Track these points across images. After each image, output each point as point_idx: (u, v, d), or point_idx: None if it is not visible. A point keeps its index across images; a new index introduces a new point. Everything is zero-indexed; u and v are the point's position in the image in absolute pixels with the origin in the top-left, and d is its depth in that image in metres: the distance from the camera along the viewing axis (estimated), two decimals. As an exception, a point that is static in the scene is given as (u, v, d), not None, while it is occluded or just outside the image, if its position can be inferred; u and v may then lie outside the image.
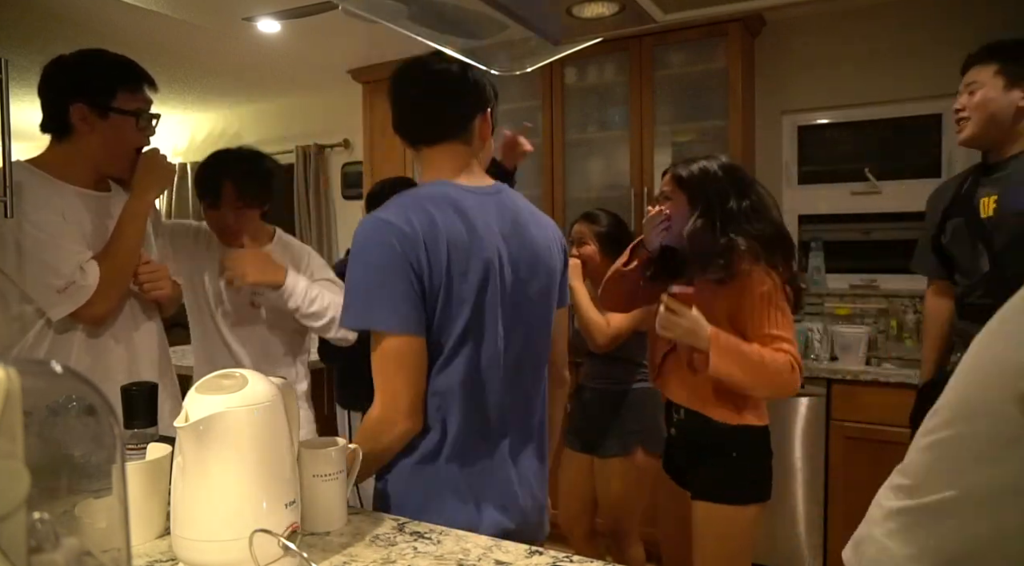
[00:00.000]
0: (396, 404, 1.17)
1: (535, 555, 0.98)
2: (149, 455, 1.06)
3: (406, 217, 1.16)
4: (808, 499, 2.82)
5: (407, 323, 1.14)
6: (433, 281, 1.15)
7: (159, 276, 1.64)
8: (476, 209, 1.23)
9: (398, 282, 1.13)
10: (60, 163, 1.56)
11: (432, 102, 1.28)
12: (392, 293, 1.14)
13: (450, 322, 1.18)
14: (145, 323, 1.70)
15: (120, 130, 1.56)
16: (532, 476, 1.32)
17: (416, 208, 1.18)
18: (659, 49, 3.30)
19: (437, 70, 1.28)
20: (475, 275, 1.19)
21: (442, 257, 1.15)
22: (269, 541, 0.87)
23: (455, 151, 1.29)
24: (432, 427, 1.21)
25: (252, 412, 0.90)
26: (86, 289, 1.48)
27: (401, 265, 1.13)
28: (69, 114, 1.53)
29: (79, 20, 3.18)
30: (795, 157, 3.44)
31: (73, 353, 1.54)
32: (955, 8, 3.04)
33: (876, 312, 3.23)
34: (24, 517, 0.52)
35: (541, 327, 1.34)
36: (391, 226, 1.15)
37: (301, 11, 2.96)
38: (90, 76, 1.55)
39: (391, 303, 1.14)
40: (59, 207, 1.51)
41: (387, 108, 1.36)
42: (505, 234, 1.25)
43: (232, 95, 4.75)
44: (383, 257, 1.14)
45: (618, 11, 1.21)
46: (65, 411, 0.57)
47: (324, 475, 1.08)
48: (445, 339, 1.19)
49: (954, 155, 3.10)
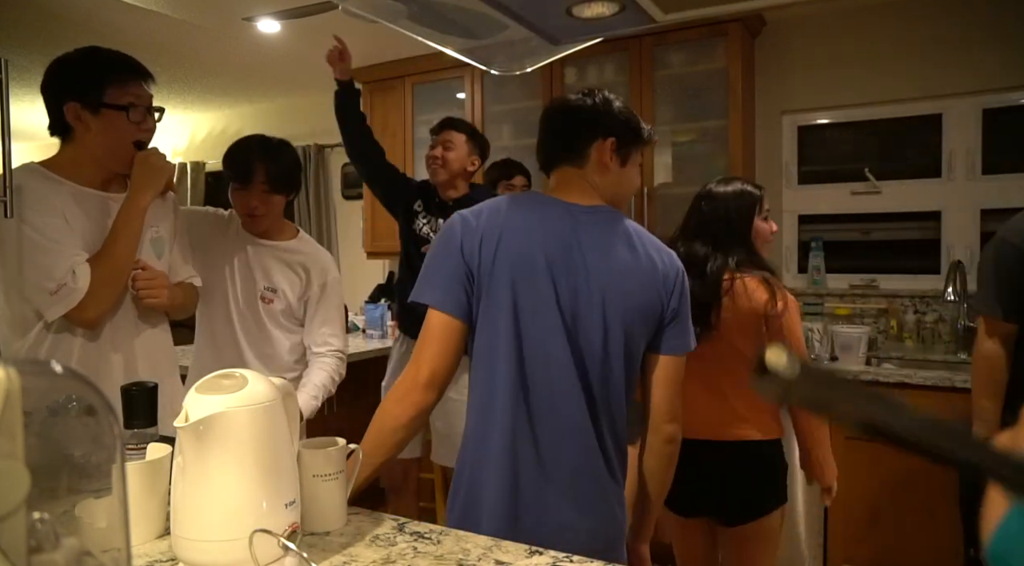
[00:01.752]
0: (418, 373, 1.24)
1: (535, 555, 0.98)
2: (149, 455, 1.06)
3: (478, 211, 1.29)
4: (808, 499, 2.81)
5: (446, 302, 1.25)
6: (481, 270, 1.24)
7: (156, 284, 1.62)
8: (555, 218, 1.28)
9: (447, 264, 1.26)
10: (69, 164, 1.57)
11: (542, 137, 1.39)
12: (440, 274, 1.27)
13: (490, 312, 1.25)
14: (147, 330, 1.68)
15: (113, 125, 1.55)
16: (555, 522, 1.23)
17: (491, 206, 1.31)
18: (659, 49, 3.30)
19: (550, 107, 1.40)
20: (521, 273, 1.24)
21: (491, 247, 1.24)
22: (269, 541, 0.87)
23: (564, 173, 1.35)
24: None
25: (252, 412, 0.90)
26: (77, 292, 1.47)
27: (454, 251, 1.26)
28: (64, 114, 1.53)
29: (79, 20, 3.18)
30: (795, 157, 3.44)
31: (73, 360, 1.54)
32: (955, 8, 3.04)
33: (876, 312, 3.23)
34: (24, 517, 0.52)
35: (609, 361, 1.26)
36: (462, 217, 1.29)
37: (301, 11, 2.96)
38: (80, 74, 1.55)
39: (438, 282, 1.26)
40: (60, 209, 1.51)
41: (387, 108, 1.38)
42: (585, 249, 1.26)
43: (232, 95, 4.75)
44: (442, 243, 1.28)
45: (618, 11, 1.21)
46: (65, 411, 0.57)
47: (324, 475, 1.08)
48: (486, 326, 1.26)
49: (954, 155, 3.11)
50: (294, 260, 2.01)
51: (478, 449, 1.26)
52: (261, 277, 1.98)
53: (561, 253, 1.25)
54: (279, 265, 2.00)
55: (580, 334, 1.24)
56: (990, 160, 3.04)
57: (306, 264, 2.01)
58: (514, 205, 1.31)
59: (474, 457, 1.26)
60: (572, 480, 1.23)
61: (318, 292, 2.01)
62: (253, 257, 1.99)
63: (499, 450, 1.22)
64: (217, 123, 5.27)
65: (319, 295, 2.01)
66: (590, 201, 1.32)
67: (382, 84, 3.99)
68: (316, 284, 2.01)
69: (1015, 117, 3.00)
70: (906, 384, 2.63)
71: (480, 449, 1.25)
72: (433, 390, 1.25)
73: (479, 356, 1.28)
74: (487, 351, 1.26)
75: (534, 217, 1.28)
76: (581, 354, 1.25)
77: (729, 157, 3.18)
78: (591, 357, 1.25)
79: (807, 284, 3.37)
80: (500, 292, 1.23)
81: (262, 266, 1.99)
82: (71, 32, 3.29)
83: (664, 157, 3.34)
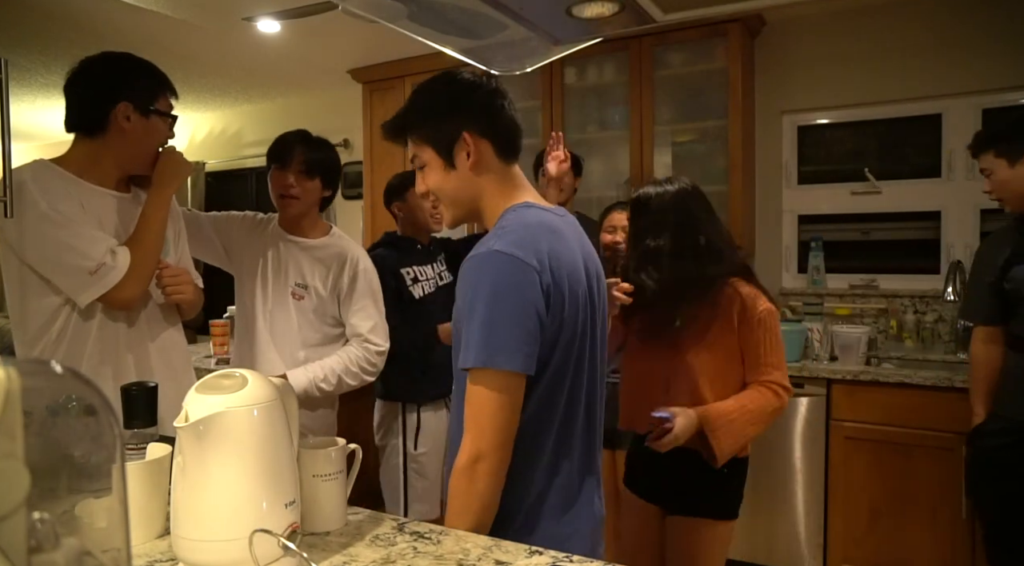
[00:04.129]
0: (489, 441, 1.10)
1: (535, 555, 0.98)
2: (149, 455, 1.06)
3: (529, 251, 1.11)
4: (808, 499, 2.82)
5: (528, 363, 1.10)
6: (555, 314, 1.12)
7: (181, 280, 1.67)
8: (566, 234, 1.21)
9: (527, 321, 1.09)
10: (84, 161, 1.58)
11: (518, 117, 1.25)
12: (521, 333, 1.09)
13: (562, 354, 1.15)
14: (163, 330, 1.70)
15: (156, 130, 1.63)
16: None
17: (534, 240, 1.13)
18: (659, 49, 3.30)
19: (501, 88, 1.25)
20: (583, 304, 1.18)
21: (564, 289, 1.13)
22: (269, 541, 0.87)
23: (517, 171, 1.26)
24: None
25: (252, 412, 0.90)
26: (117, 270, 1.50)
27: (532, 304, 1.09)
28: (111, 112, 1.55)
29: (79, 20, 3.18)
30: (795, 157, 3.44)
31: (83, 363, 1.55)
32: (955, 8, 3.04)
33: (876, 312, 3.23)
34: (24, 517, 0.52)
35: (604, 354, 1.31)
36: (518, 262, 1.09)
37: (301, 11, 2.96)
38: (139, 76, 1.61)
39: (520, 343, 1.09)
40: (78, 200, 1.53)
41: (387, 108, 1.36)
42: (584, 258, 1.24)
43: (232, 95, 4.75)
44: (513, 295, 1.09)
45: (618, 11, 1.21)
46: (65, 411, 0.57)
47: (324, 475, 1.08)
48: (554, 370, 1.15)
49: (954, 155, 3.11)
50: (325, 255, 2.03)
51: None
52: (292, 273, 2.00)
53: (591, 275, 1.24)
54: (310, 261, 2.02)
55: (599, 338, 1.27)
56: (990, 160, 3.04)
57: (336, 257, 2.03)
58: (546, 230, 1.17)
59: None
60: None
61: (348, 282, 2.02)
62: (285, 253, 2.02)
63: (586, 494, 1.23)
64: (217, 123, 5.27)
65: (349, 285, 2.02)
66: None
67: (382, 84, 3.99)
68: (347, 275, 2.02)
69: (1015, 117, 3.00)
70: (906, 384, 2.63)
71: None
72: (508, 448, 1.12)
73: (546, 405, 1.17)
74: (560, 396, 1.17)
75: (568, 244, 1.19)
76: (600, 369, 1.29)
77: (729, 157, 3.18)
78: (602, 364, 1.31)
79: (807, 284, 3.37)
80: (571, 336, 1.16)
81: (294, 262, 2.01)
82: (71, 32, 3.30)
83: (664, 157, 3.34)
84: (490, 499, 1.11)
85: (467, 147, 1.18)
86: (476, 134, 1.19)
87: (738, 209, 3.17)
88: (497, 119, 1.21)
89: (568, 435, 1.20)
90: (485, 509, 1.11)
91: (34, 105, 4.64)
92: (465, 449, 1.10)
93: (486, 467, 1.09)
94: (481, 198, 1.22)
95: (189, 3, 2.98)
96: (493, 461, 1.09)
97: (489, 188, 1.21)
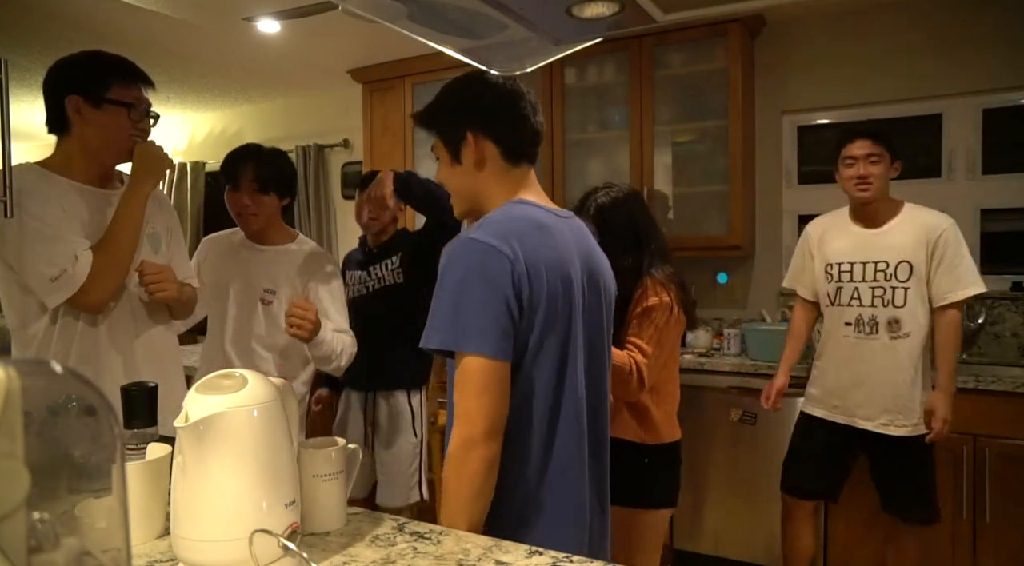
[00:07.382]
0: (476, 427, 1.11)
1: (535, 555, 0.98)
2: (149, 455, 1.06)
3: (505, 240, 1.12)
4: (808, 499, 2.81)
5: (498, 348, 1.10)
6: (532, 305, 1.13)
7: (163, 277, 1.65)
8: (561, 232, 1.22)
9: (495, 306, 1.10)
10: (63, 160, 1.60)
11: (538, 122, 1.27)
12: (488, 317, 1.09)
13: (541, 348, 1.15)
14: (149, 328, 1.70)
15: (115, 120, 1.59)
16: None
17: (513, 231, 1.14)
18: (659, 49, 3.30)
19: (519, 88, 1.27)
20: (565, 300, 1.18)
21: (542, 282, 1.13)
22: (269, 541, 0.87)
23: (533, 173, 1.29)
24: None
25: (252, 412, 0.90)
26: (77, 278, 1.50)
27: (501, 290, 1.10)
28: (65, 107, 1.56)
29: (79, 20, 3.18)
30: (795, 157, 3.44)
31: (71, 358, 1.55)
32: (955, 8, 3.04)
33: (876, 312, 3.22)
34: (24, 517, 0.52)
35: (607, 361, 1.33)
36: (491, 249, 1.10)
37: (301, 11, 2.96)
38: (85, 69, 1.59)
39: (486, 327, 1.09)
40: (58, 201, 1.54)
41: (387, 108, 1.36)
42: (580, 260, 1.25)
43: (232, 95, 4.75)
44: (482, 281, 1.10)
45: (618, 11, 1.21)
46: (65, 411, 0.57)
47: (324, 475, 1.09)
48: (533, 364, 1.16)
49: (954, 155, 3.11)
50: (292, 261, 2.07)
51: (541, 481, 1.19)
52: (261, 280, 2.04)
53: (584, 275, 1.25)
54: (278, 267, 2.06)
55: (596, 353, 1.29)
56: (990, 160, 3.04)
57: (303, 262, 2.08)
58: (531, 224, 1.18)
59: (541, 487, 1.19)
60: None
61: (316, 285, 2.06)
62: (253, 262, 2.06)
63: (572, 481, 1.22)
64: (217, 123, 5.27)
65: (317, 287, 2.05)
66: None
67: (382, 84, 3.99)
68: (315, 278, 2.06)
69: (1015, 117, 3.00)
70: (906, 384, 2.63)
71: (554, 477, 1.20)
72: (497, 439, 1.12)
73: (532, 392, 1.17)
74: (545, 387, 1.18)
75: (555, 239, 1.20)
76: (598, 372, 1.31)
77: (729, 157, 3.18)
78: (605, 370, 1.33)
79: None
80: (551, 330, 1.16)
81: (262, 270, 2.05)
82: (71, 32, 3.29)
83: (664, 157, 3.34)
84: (481, 485, 1.12)
85: (470, 146, 1.22)
86: (480, 134, 1.22)
87: (738, 209, 3.17)
88: (504, 122, 1.23)
89: (561, 439, 1.20)
90: (476, 496, 1.12)
91: (34, 105, 4.63)
92: (454, 436, 1.13)
93: (476, 454, 1.10)
94: (482, 195, 1.26)
95: (189, 3, 2.98)
96: (482, 447, 1.10)
97: (491, 186, 1.24)
